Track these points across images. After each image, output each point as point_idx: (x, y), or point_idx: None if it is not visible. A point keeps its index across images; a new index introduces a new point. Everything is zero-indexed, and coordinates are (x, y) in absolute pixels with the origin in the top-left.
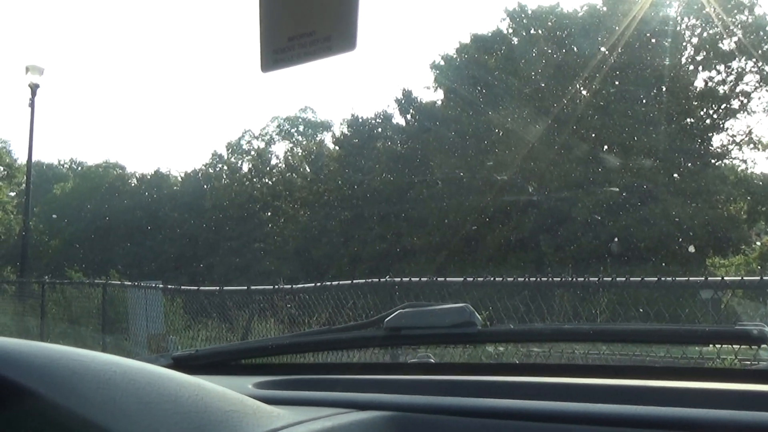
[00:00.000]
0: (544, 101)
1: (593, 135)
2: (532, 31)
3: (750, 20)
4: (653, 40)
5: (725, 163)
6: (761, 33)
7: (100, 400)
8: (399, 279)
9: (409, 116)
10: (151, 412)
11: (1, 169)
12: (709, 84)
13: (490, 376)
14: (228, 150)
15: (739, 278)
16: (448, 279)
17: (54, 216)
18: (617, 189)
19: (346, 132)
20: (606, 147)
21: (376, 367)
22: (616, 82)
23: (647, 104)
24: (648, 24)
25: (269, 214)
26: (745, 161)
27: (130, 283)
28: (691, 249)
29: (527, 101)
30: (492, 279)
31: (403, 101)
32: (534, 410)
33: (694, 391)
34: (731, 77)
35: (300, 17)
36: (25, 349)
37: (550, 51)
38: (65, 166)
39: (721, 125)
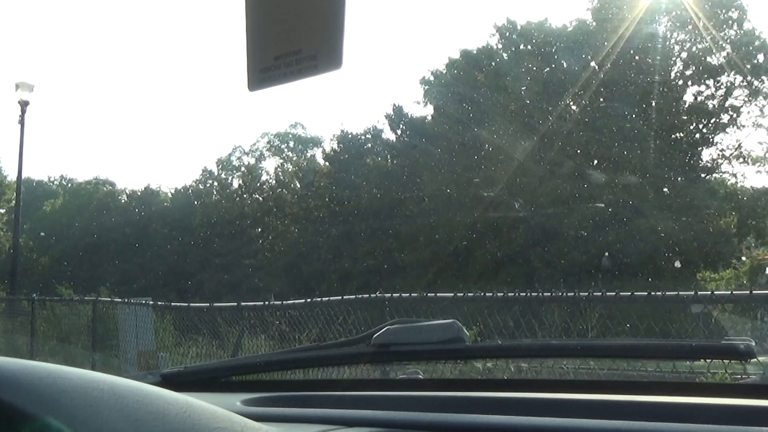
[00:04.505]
0: (532, 117)
1: (580, 151)
2: (521, 47)
3: (739, 35)
4: (641, 56)
5: (714, 178)
6: (750, 48)
7: (88, 418)
8: (389, 295)
9: (399, 132)
10: (139, 429)
11: None
12: (698, 99)
13: (479, 392)
14: (218, 166)
15: (729, 293)
16: (438, 295)
17: (43, 233)
18: (603, 205)
19: (336, 148)
20: (594, 163)
21: (365, 383)
22: (602, 99)
23: (635, 119)
24: (636, 39)
25: (259, 230)
26: (734, 175)
27: (119, 299)
28: (677, 264)
29: (515, 117)
30: (482, 294)
31: (393, 117)
32: (524, 426)
33: (683, 406)
34: (720, 92)
35: (286, 36)
36: (12, 367)
37: (535, 68)
38: (55, 182)
39: (711, 140)
